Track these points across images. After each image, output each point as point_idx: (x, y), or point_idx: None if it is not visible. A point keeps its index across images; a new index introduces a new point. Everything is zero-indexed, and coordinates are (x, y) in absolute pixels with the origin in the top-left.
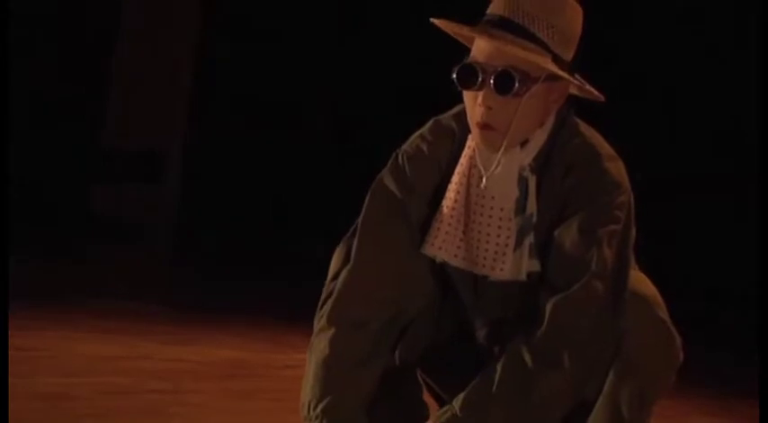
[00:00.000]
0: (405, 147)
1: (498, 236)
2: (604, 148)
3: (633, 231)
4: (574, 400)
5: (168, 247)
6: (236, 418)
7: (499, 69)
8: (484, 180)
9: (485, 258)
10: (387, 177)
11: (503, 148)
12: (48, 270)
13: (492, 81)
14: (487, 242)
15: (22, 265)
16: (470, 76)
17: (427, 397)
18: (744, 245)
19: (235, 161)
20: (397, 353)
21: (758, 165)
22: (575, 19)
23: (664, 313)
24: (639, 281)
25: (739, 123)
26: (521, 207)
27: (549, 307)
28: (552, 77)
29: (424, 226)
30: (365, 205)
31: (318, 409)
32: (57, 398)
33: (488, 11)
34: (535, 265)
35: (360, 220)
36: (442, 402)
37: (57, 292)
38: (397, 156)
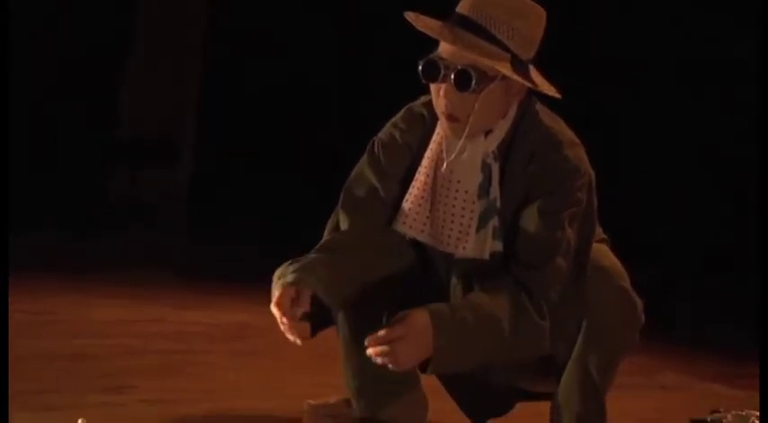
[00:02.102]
0: (380, 135)
1: (462, 217)
2: (565, 134)
3: (594, 209)
4: (545, 350)
5: (181, 224)
6: (242, 375)
7: (459, 67)
8: (445, 164)
9: (449, 237)
10: (364, 164)
11: (464, 136)
12: (66, 245)
13: (452, 78)
14: (452, 222)
15: (43, 240)
16: (433, 71)
17: None
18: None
19: (243, 149)
20: (384, 320)
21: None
22: (536, 22)
23: (625, 281)
24: (601, 254)
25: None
26: (484, 191)
27: (520, 281)
28: None
29: (398, 206)
30: (344, 188)
31: (284, 265)
32: (75, 358)
33: (457, 9)
34: (498, 246)
35: (340, 202)
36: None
37: (73, 263)
38: (373, 143)
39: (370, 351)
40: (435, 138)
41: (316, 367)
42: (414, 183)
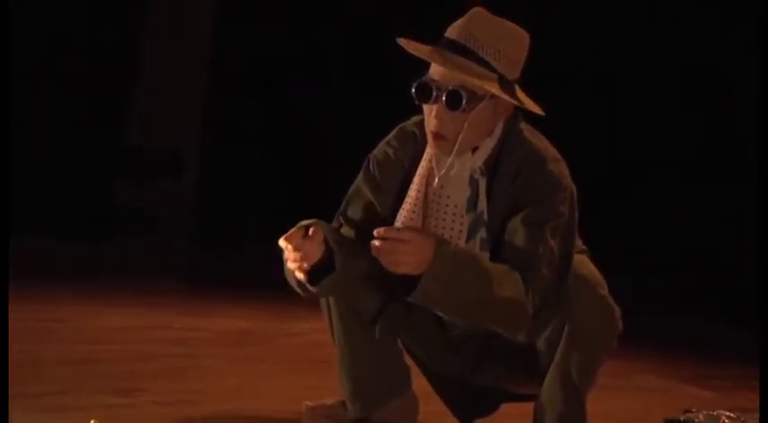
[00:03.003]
0: (375, 152)
1: (452, 229)
2: (548, 151)
3: (576, 221)
4: (521, 332)
5: (185, 234)
6: (244, 379)
7: (450, 88)
8: (436, 180)
9: None
10: (361, 180)
11: (453, 153)
12: (74, 253)
13: (444, 98)
14: (442, 235)
15: (51, 248)
16: (426, 92)
17: (408, 359)
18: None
19: (246, 161)
20: (378, 326)
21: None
22: (520, 44)
23: (603, 289)
24: (581, 263)
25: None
26: (472, 205)
27: None
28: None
29: (392, 219)
30: (343, 204)
31: None
32: (85, 363)
33: (446, 34)
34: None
35: (341, 212)
36: (420, 364)
37: (83, 271)
38: (368, 161)
39: (375, 241)
40: (426, 155)
41: (313, 371)
42: (406, 199)
